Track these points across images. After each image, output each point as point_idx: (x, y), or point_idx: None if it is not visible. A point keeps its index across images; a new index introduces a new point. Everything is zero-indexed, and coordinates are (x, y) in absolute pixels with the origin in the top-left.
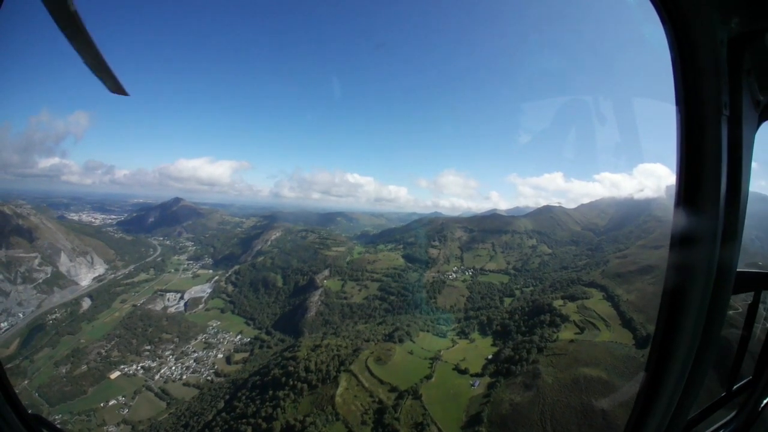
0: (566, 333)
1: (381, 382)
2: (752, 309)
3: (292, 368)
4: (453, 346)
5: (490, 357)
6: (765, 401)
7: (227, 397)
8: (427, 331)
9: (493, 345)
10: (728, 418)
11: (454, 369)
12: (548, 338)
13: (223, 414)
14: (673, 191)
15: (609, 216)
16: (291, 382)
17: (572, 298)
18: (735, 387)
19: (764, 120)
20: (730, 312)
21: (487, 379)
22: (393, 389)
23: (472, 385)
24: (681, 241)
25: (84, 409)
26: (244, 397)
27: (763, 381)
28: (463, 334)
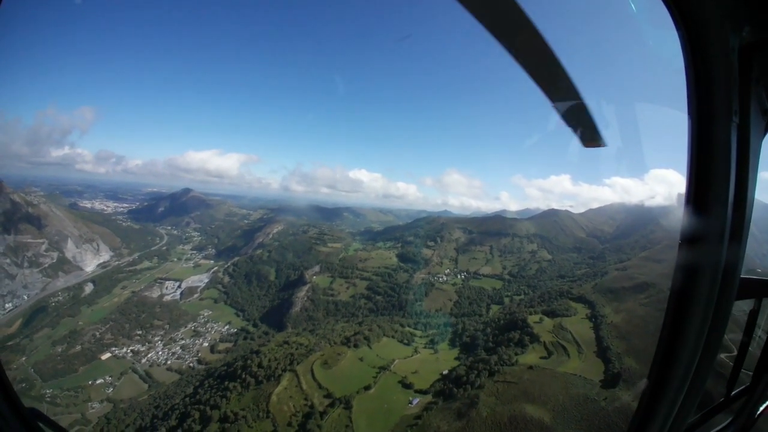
0: (531, 356)
1: (319, 386)
2: (753, 315)
3: (250, 362)
4: (412, 355)
5: (446, 372)
6: (762, 407)
7: (197, 383)
8: (393, 337)
9: (457, 359)
10: (726, 423)
11: (399, 382)
12: (507, 360)
13: (186, 399)
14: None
15: (617, 223)
16: (243, 375)
17: (552, 314)
18: (733, 392)
19: None
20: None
21: (429, 398)
22: (328, 395)
23: (410, 403)
24: (689, 244)
25: (73, 385)
26: (207, 385)
27: (761, 387)
28: (431, 343)
